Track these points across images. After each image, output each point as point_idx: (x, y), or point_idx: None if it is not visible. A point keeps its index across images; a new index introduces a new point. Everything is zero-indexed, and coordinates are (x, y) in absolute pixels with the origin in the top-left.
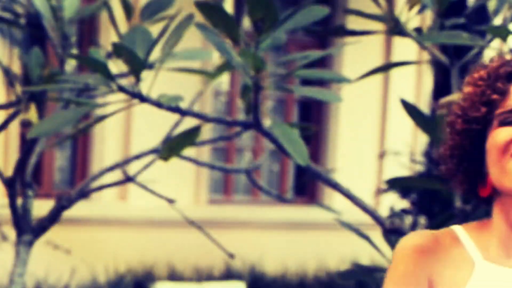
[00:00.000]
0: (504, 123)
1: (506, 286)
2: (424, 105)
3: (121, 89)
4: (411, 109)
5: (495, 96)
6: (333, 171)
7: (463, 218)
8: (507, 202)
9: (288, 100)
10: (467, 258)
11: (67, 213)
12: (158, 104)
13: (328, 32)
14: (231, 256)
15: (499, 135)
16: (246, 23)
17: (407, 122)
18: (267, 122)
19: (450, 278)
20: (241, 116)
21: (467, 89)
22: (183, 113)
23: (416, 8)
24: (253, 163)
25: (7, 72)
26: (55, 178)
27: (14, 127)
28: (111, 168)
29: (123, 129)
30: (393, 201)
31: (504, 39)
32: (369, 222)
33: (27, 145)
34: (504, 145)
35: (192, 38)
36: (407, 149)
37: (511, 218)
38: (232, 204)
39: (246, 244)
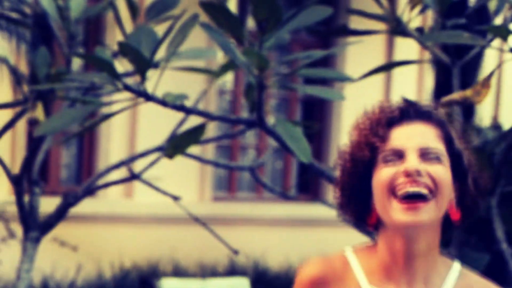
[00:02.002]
0: (385, 162)
1: None
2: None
3: (127, 87)
4: None
5: (376, 141)
6: (335, 169)
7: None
8: (390, 233)
9: (292, 99)
10: (355, 283)
11: (74, 210)
12: (163, 102)
13: (331, 32)
14: (235, 252)
15: (382, 175)
16: (250, 22)
17: None
18: (270, 120)
19: None
20: (245, 114)
21: (353, 134)
22: (188, 111)
23: (417, 8)
24: (257, 160)
25: (15, 71)
26: (61, 176)
27: (21, 125)
28: (117, 166)
29: (129, 127)
30: None
31: (504, 38)
32: None
33: (34, 143)
34: (387, 181)
35: (197, 38)
36: None
37: (393, 247)
38: (236, 201)
39: (250, 241)
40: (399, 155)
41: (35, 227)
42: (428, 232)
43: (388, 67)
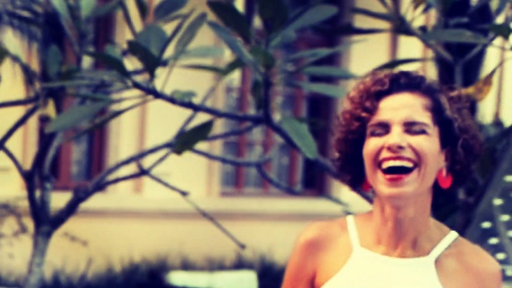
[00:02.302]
0: (372, 134)
1: (372, 268)
2: None
3: (136, 85)
4: None
5: (364, 114)
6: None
7: (465, 209)
8: (382, 199)
9: (297, 96)
10: (348, 245)
11: (84, 205)
12: (171, 99)
13: (336, 31)
14: (242, 246)
15: (369, 146)
16: (257, 21)
17: None
18: (277, 117)
19: (331, 263)
20: (252, 111)
21: (345, 104)
22: (196, 108)
23: (421, 8)
24: (264, 156)
25: (26, 69)
26: (72, 171)
27: (33, 122)
28: (126, 162)
29: (138, 124)
30: None
31: (505, 37)
32: None
33: (45, 139)
34: (373, 154)
35: (205, 36)
36: None
37: (384, 212)
38: (243, 196)
39: (257, 235)
40: (385, 127)
41: (46, 222)
42: (416, 200)
43: (392, 65)
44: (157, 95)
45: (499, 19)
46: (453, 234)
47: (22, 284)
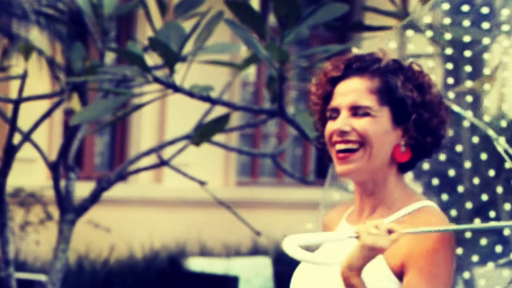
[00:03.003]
0: (329, 118)
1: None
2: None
3: (157, 80)
4: None
5: (320, 100)
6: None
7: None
8: None
9: (310, 90)
10: (340, 220)
11: (107, 194)
12: (190, 93)
13: (347, 28)
14: (258, 233)
15: (326, 129)
16: (272, 19)
17: None
18: (290, 110)
19: None
20: (266, 104)
21: (311, 90)
22: (214, 102)
23: (428, 5)
24: (278, 148)
25: (52, 65)
26: (95, 162)
27: (58, 115)
28: (147, 153)
29: (158, 117)
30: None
31: (508, 34)
32: None
33: (69, 132)
34: (328, 137)
35: (222, 33)
36: None
37: (356, 189)
38: (258, 185)
39: (271, 222)
40: (337, 112)
41: (70, 210)
42: (373, 175)
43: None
44: (177, 89)
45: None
46: (421, 203)
47: (47, 269)
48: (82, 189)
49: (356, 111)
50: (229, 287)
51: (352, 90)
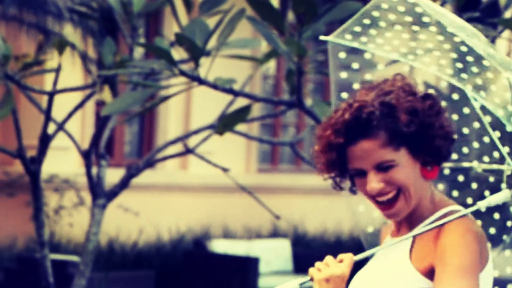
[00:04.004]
0: (356, 175)
1: (384, 252)
2: (443, 87)
3: (182, 73)
4: (433, 89)
5: (330, 168)
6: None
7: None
8: None
9: (327, 83)
10: (387, 234)
11: (135, 180)
12: (214, 86)
13: None
14: (277, 217)
15: (360, 184)
16: (290, 16)
17: None
18: (308, 102)
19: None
20: (286, 96)
21: (316, 155)
22: (236, 94)
23: (437, 3)
24: (296, 137)
25: (84, 59)
26: (125, 150)
27: (90, 106)
28: (173, 142)
29: (184, 108)
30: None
31: None
32: None
33: (101, 122)
34: (363, 191)
35: (244, 29)
36: None
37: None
38: (278, 172)
39: (290, 207)
40: (362, 172)
41: (102, 195)
42: (414, 206)
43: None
44: (201, 82)
45: (507, 14)
46: (448, 208)
47: (80, 251)
48: (112, 175)
49: (381, 166)
50: (250, 268)
51: (367, 153)
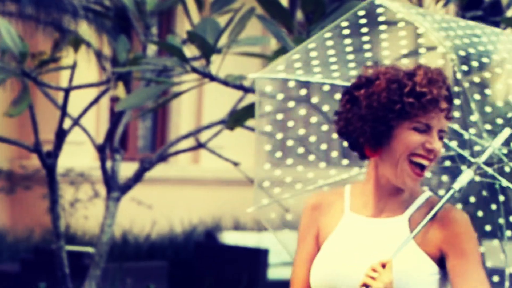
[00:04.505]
0: (415, 129)
1: (358, 229)
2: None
3: (194, 70)
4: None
5: (414, 111)
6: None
7: None
8: (381, 171)
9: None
10: (341, 209)
11: (149, 174)
12: (225, 82)
13: (367, 22)
14: (286, 210)
15: (410, 139)
16: (299, 15)
17: None
18: (316, 98)
19: (327, 225)
20: None
21: (388, 91)
22: (246, 90)
23: (441, 3)
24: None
25: (99, 56)
26: (138, 145)
27: (105, 102)
28: (185, 136)
29: (196, 104)
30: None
31: None
32: None
33: (115, 117)
34: (411, 147)
35: (254, 27)
36: None
37: (378, 185)
38: (286, 166)
39: (299, 200)
40: (428, 127)
41: (116, 189)
42: None
43: (417, 52)
44: (212, 78)
45: (509, 13)
46: (426, 194)
47: (95, 242)
48: (126, 169)
49: (440, 134)
50: (260, 259)
51: (442, 116)
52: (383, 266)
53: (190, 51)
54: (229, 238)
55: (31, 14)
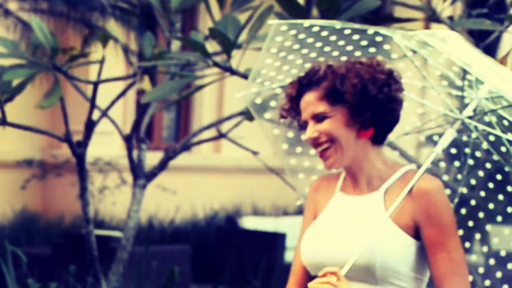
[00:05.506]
0: (304, 128)
1: (342, 207)
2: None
3: (216, 64)
4: (445, 79)
5: (292, 113)
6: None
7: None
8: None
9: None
10: (334, 190)
11: (173, 163)
12: (245, 76)
13: (379, 20)
14: (304, 197)
15: (305, 134)
16: (315, 12)
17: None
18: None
19: (322, 204)
20: None
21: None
22: None
23: (449, 0)
24: None
25: (126, 51)
26: (163, 135)
27: (131, 95)
28: (207, 127)
29: (217, 96)
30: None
31: None
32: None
33: (141, 109)
34: (309, 141)
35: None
36: None
37: (347, 168)
38: (304, 155)
39: None
40: (306, 123)
41: (142, 176)
42: (352, 158)
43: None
44: (233, 72)
45: None
46: (405, 168)
47: (122, 227)
48: (152, 158)
49: (317, 118)
50: (278, 243)
51: (308, 103)
52: (333, 273)
53: (212, 46)
54: (249, 223)
55: (62, 12)
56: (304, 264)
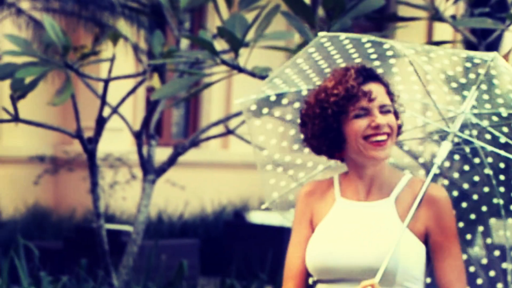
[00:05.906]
0: (356, 116)
1: (349, 212)
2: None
3: (224, 62)
4: (448, 78)
5: (343, 101)
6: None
7: None
8: (358, 164)
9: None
10: (333, 196)
11: (182, 158)
12: (252, 74)
13: (383, 19)
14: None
15: (359, 123)
16: (320, 11)
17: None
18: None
19: (320, 210)
20: (318, 83)
21: (321, 95)
22: None
23: (451, 0)
24: None
25: (136, 49)
26: (172, 131)
27: (141, 92)
28: (216, 123)
29: (225, 93)
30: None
31: None
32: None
33: (151, 106)
34: (360, 131)
35: (278, 23)
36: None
37: (360, 171)
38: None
39: None
40: (366, 111)
41: (151, 172)
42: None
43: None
44: (240, 70)
45: None
46: (408, 176)
47: (132, 221)
48: (161, 154)
49: (383, 109)
50: (284, 237)
51: (378, 93)
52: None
53: (220, 45)
54: (256, 217)
55: (73, 11)
56: (311, 269)
